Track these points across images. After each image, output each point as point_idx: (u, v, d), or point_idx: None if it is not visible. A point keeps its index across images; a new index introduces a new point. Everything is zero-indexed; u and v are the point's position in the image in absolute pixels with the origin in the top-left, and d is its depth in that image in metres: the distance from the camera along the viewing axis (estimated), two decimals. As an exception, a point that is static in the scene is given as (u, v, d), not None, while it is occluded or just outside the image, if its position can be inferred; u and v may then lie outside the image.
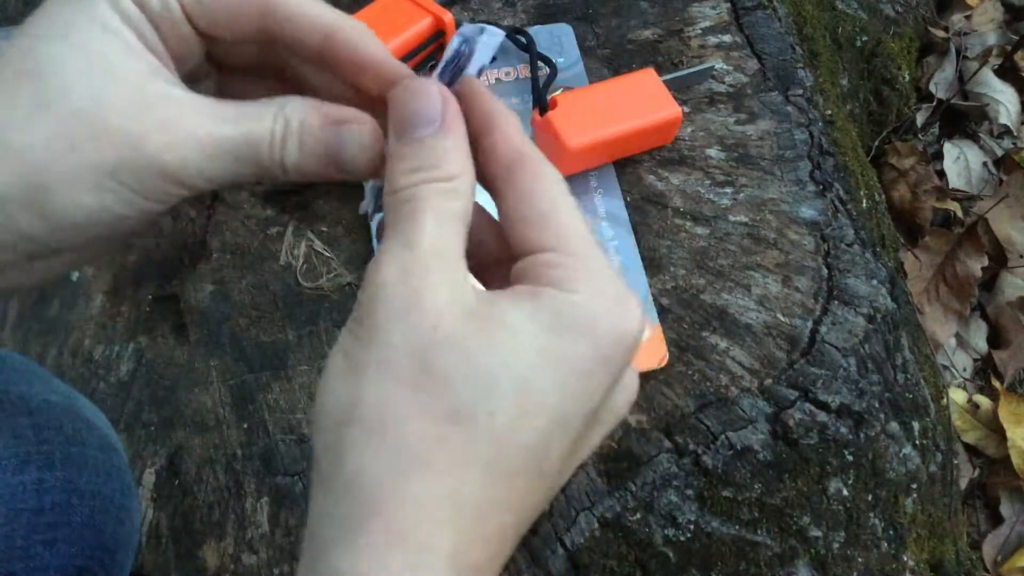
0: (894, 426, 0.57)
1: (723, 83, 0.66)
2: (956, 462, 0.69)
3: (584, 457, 0.26)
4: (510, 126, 0.28)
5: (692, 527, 0.52)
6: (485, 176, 0.28)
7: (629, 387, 0.27)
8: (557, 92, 0.62)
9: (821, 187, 0.61)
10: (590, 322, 0.24)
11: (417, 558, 0.22)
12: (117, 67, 0.26)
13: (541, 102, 0.60)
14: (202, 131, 0.27)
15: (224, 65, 0.32)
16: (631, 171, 0.62)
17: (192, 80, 0.31)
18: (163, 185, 0.27)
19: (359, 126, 0.29)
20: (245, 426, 0.55)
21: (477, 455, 0.23)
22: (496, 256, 0.29)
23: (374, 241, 0.53)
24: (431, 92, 0.28)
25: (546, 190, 0.27)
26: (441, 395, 0.23)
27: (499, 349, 0.23)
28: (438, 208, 0.26)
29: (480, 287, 0.28)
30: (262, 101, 0.29)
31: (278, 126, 0.28)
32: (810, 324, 0.56)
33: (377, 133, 0.29)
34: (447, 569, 0.22)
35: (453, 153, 0.26)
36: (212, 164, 0.27)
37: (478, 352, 0.23)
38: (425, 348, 0.23)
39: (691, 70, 0.65)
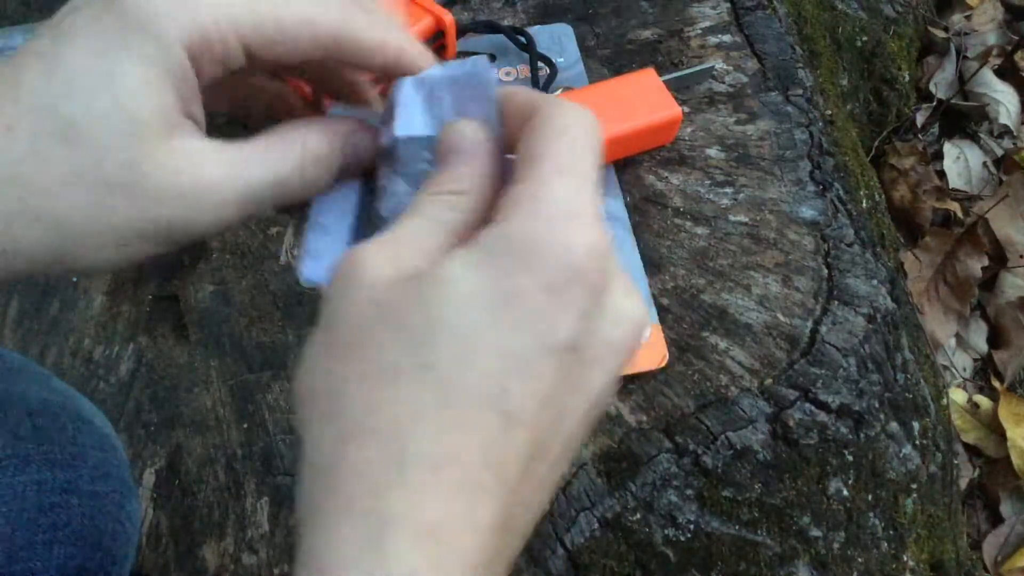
0: (894, 426, 0.57)
1: (723, 83, 0.66)
2: (956, 462, 0.69)
3: (587, 400, 0.24)
4: (519, 93, 0.28)
5: (692, 527, 0.52)
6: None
7: (623, 316, 0.25)
8: (557, 92, 0.62)
9: (821, 187, 0.61)
10: (524, 248, 0.23)
11: (366, 523, 0.21)
12: (151, 127, 0.26)
13: (541, 102, 0.60)
14: (237, 187, 0.27)
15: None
16: (631, 171, 0.62)
17: None
18: (189, 239, 0.27)
19: (361, 132, 0.30)
20: (245, 426, 0.55)
21: (421, 410, 0.22)
22: None
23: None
24: (470, 134, 0.27)
25: (543, 127, 0.25)
26: (376, 359, 0.23)
27: (430, 303, 0.23)
28: (428, 213, 0.26)
29: None
30: (278, 138, 0.29)
31: (308, 163, 0.28)
32: (810, 324, 0.56)
33: (370, 133, 0.30)
34: (400, 530, 0.21)
35: (467, 177, 0.27)
36: (242, 212, 0.28)
37: (410, 312, 0.23)
38: (362, 320, 0.23)
39: (691, 70, 0.65)
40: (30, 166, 0.25)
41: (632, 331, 0.25)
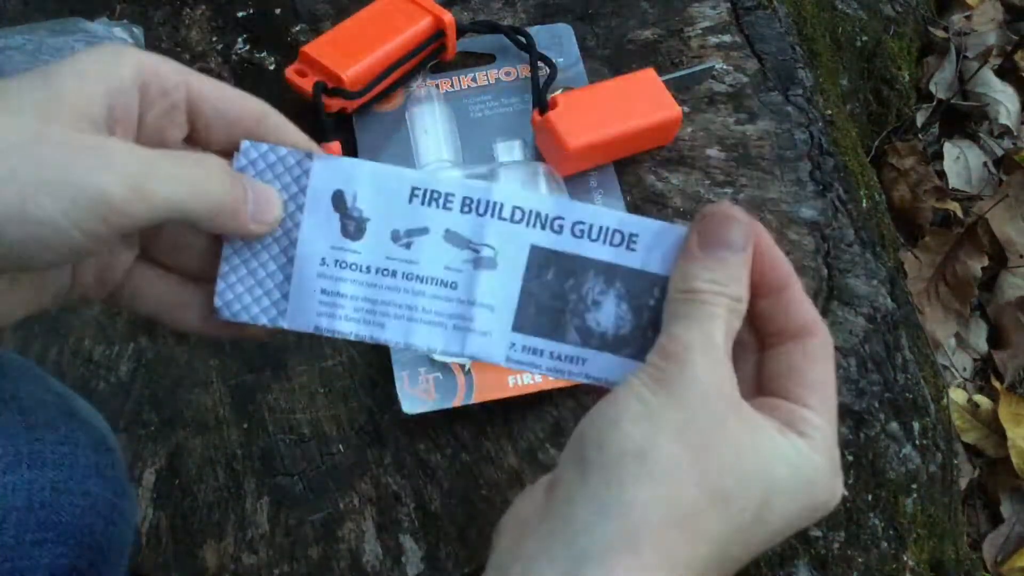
0: (894, 426, 0.58)
1: (723, 83, 0.66)
2: (956, 462, 0.69)
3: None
4: (803, 291, 0.33)
5: (692, 527, 0.52)
6: (771, 321, 0.33)
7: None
8: (557, 92, 0.62)
9: (821, 187, 0.61)
10: (822, 483, 0.30)
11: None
12: (71, 114, 0.29)
13: (541, 102, 0.60)
14: (134, 184, 0.29)
15: None
16: (631, 171, 0.62)
17: None
18: (113, 227, 0.28)
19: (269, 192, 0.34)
20: (245, 426, 0.55)
21: (721, 535, 0.28)
22: None
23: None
24: (744, 222, 0.31)
25: (827, 362, 0.32)
26: (715, 475, 0.28)
27: (760, 464, 0.29)
28: (729, 321, 0.30)
29: None
30: (191, 153, 0.32)
31: (213, 176, 0.31)
32: (810, 324, 0.56)
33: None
34: None
35: (745, 280, 0.31)
36: (148, 212, 0.29)
37: (748, 459, 0.28)
38: (713, 431, 0.28)
39: (691, 70, 0.65)
40: None
41: None
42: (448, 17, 0.63)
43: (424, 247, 0.34)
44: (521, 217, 0.33)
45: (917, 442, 0.59)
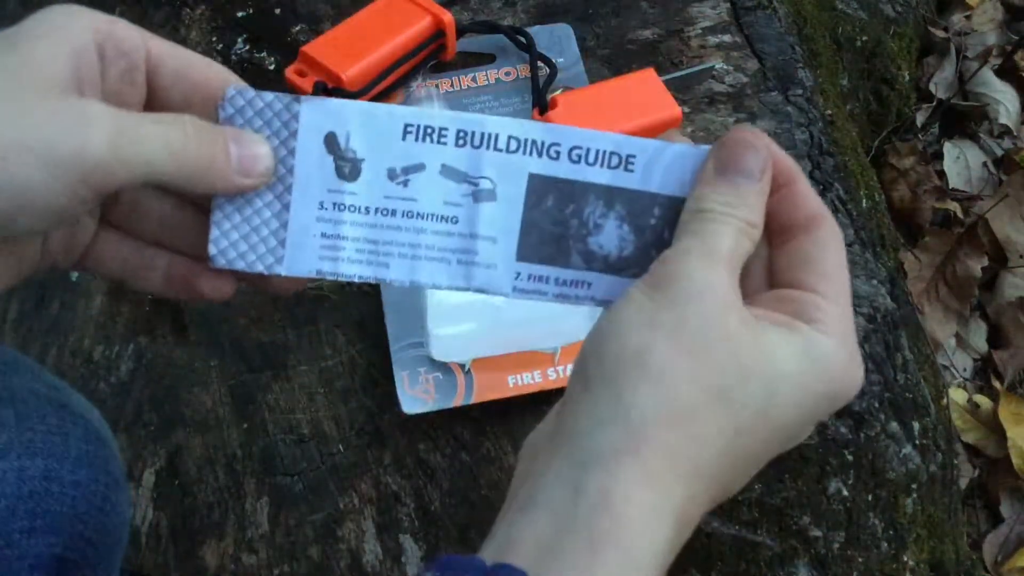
0: (894, 426, 0.57)
1: (723, 83, 0.66)
2: (956, 462, 0.69)
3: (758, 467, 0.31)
4: (808, 185, 0.32)
5: (692, 527, 0.52)
6: (777, 217, 0.32)
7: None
8: (557, 92, 0.62)
9: (821, 187, 0.61)
10: (834, 365, 0.29)
11: (656, 499, 0.26)
12: (44, 84, 0.28)
13: (541, 102, 0.60)
14: (115, 147, 0.28)
15: None
16: (631, 171, 0.62)
17: None
18: (93, 190, 0.28)
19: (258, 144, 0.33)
20: (245, 426, 0.55)
21: (724, 434, 0.27)
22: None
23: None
24: (762, 148, 0.31)
25: (837, 250, 0.32)
26: (713, 373, 0.27)
27: (760, 357, 0.28)
28: (737, 239, 0.30)
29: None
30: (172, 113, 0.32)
31: (190, 133, 0.31)
32: (810, 324, 0.56)
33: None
34: (672, 518, 0.26)
35: (759, 207, 0.31)
36: (127, 172, 0.29)
37: (746, 353, 0.28)
38: (709, 329, 0.28)
39: (691, 70, 0.65)
40: None
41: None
42: (448, 17, 0.63)
43: (422, 184, 0.33)
44: (517, 146, 0.33)
45: (917, 442, 0.59)
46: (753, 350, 0.28)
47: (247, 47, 0.70)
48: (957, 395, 1.01)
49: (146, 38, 0.31)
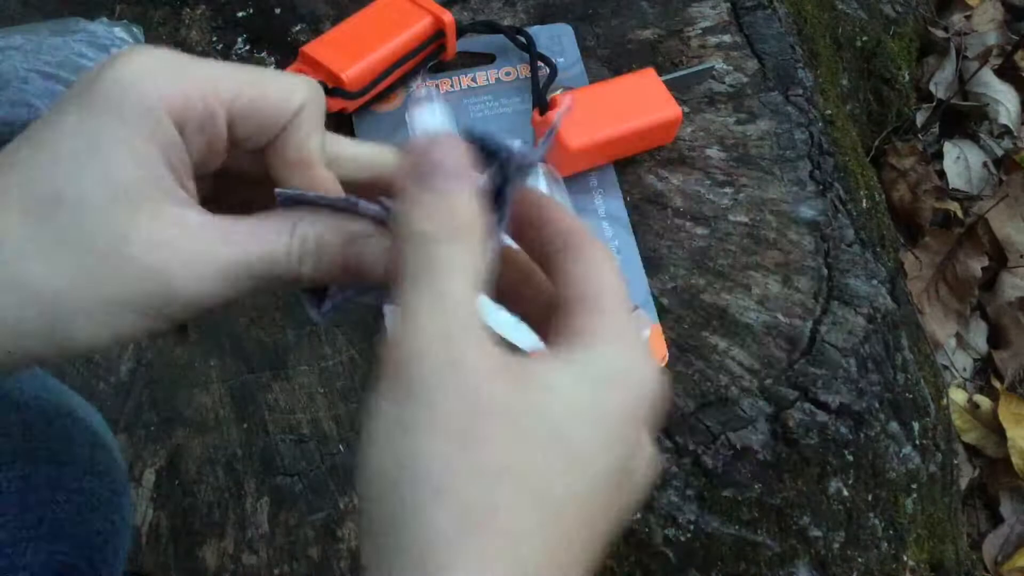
0: (894, 426, 0.58)
1: (723, 83, 0.66)
2: (956, 462, 0.69)
3: (611, 523, 0.26)
4: (556, 204, 0.30)
5: (692, 527, 0.52)
6: (533, 248, 0.30)
7: (646, 452, 0.27)
8: (557, 92, 0.62)
9: (821, 187, 0.61)
10: (621, 375, 0.26)
11: None
12: (138, 196, 0.26)
13: (541, 102, 0.60)
14: (222, 260, 0.27)
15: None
16: (631, 171, 0.62)
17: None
18: (181, 313, 0.27)
19: (376, 239, 0.29)
20: (245, 426, 0.55)
21: (531, 513, 0.23)
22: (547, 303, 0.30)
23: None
24: (447, 144, 0.27)
25: (597, 260, 0.28)
26: (492, 454, 0.23)
27: (538, 408, 0.24)
28: (457, 260, 0.25)
29: (529, 337, 0.30)
30: (272, 217, 0.29)
31: (295, 243, 0.28)
32: (810, 324, 0.56)
33: (387, 241, 0.29)
34: None
35: (472, 203, 0.26)
36: (230, 287, 0.27)
37: (519, 413, 0.24)
38: (471, 409, 0.24)
39: (691, 70, 0.65)
40: (13, 234, 0.25)
41: (650, 468, 0.28)
42: (448, 17, 0.63)
43: None
44: None
45: (917, 442, 0.59)
46: (525, 404, 0.24)
47: (247, 47, 0.70)
48: (957, 395, 1.01)
49: (215, 81, 0.27)
